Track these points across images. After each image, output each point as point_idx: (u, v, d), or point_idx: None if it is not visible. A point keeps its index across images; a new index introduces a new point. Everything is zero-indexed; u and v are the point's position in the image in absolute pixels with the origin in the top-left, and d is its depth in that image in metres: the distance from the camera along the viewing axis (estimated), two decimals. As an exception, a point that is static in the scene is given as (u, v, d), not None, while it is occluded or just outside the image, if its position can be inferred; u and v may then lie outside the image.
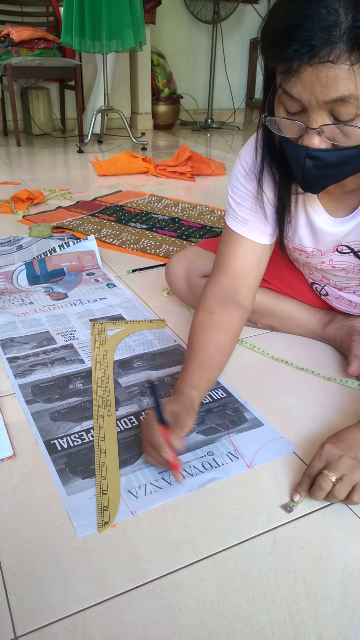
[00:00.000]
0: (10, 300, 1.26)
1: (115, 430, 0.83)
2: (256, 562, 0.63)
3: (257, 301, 1.09)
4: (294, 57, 0.56)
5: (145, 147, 3.25)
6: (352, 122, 0.59)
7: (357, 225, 0.81)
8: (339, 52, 0.54)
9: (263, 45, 0.60)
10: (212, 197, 2.24)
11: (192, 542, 0.65)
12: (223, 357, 0.86)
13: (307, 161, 0.64)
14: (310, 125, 0.61)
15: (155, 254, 1.59)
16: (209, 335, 0.85)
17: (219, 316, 0.86)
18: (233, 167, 0.88)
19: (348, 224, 0.82)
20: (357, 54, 0.54)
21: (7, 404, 0.90)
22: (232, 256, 0.89)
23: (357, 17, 0.53)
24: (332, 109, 0.59)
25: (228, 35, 4.13)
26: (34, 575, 0.61)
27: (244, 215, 0.87)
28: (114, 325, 1.16)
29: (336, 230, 0.83)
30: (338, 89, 0.56)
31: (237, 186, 0.87)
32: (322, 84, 0.56)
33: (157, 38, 3.94)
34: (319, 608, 0.58)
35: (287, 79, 0.59)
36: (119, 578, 0.61)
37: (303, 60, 0.55)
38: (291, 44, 0.55)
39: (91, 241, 1.50)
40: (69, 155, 3.08)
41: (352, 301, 0.98)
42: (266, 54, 0.61)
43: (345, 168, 0.66)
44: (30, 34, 3.06)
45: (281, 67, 0.59)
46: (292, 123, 0.63)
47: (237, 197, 0.87)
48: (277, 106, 0.65)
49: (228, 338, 0.86)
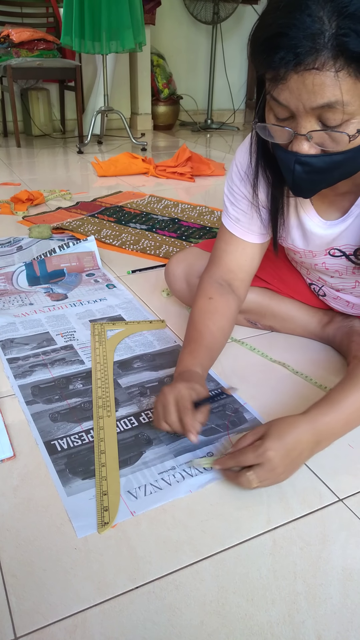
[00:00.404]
0: (10, 301, 1.26)
1: (115, 430, 0.84)
2: (256, 562, 0.63)
3: (257, 302, 1.10)
4: (280, 64, 0.57)
5: (145, 147, 3.26)
6: (339, 128, 0.60)
7: (346, 228, 0.82)
8: (324, 59, 0.55)
9: (251, 52, 0.61)
10: (211, 198, 2.24)
11: (191, 542, 0.65)
12: (224, 340, 0.91)
13: (296, 167, 0.65)
14: (298, 131, 0.62)
15: (155, 254, 1.60)
16: (212, 319, 0.89)
17: (218, 302, 0.90)
18: (230, 165, 0.89)
19: (337, 227, 0.82)
20: (341, 60, 0.55)
21: (7, 405, 0.90)
22: (224, 252, 0.93)
23: (340, 25, 0.53)
24: (319, 115, 0.59)
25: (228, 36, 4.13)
26: (34, 575, 0.61)
27: (237, 214, 0.90)
28: (114, 326, 1.16)
29: (325, 232, 0.84)
30: (324, 96, 0.57)
31: (232, 186, 0.89)
32: (308, 90, 0.57)
33: (157, 39, 3.94)
34: (319, 608, 0.58)
35: (275, 86, 0.60)
36: (119, 578, 0.61)
37: (289, 67, 0.56)
38: (277, 52, 0.56)
39: (91, 242, 1.50)
40: (68, 156, 3.08)
41: (349, 302, 0.99)
42: (255, 61, 0.62)
43: (335, 173, 0.67)
44: (30, 35, 3.06)
45: (269, 74, 0.60)
46: (281, 129, 0.64)
47: (231, 196, 0.90)
48: (267, 112, 0.66)
49: (228, 322, 0.91)
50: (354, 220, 0.80)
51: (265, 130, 0.67)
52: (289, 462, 0.68)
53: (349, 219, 0.81)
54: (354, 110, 0.58)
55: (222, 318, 0.90)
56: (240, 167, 0.86)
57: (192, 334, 0.88)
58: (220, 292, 0.91)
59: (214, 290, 0.91)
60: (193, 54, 4.18)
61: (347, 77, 0.55)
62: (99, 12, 2.69)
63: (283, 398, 0.93)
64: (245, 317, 1.14)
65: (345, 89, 0.56)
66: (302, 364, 1.03)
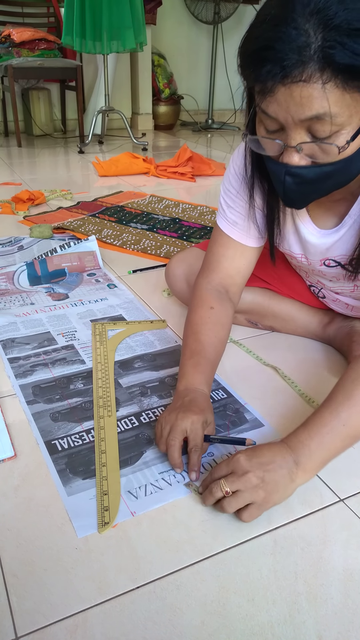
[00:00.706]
0: (11, 301, 1.26)
1: (116, 430, 0.84)
2: (257, 562, 0.63)
3: (258, 302, 1.10)
4: (267, 77, 0.57)
5: (146, 147, 3.26)
6: (329, 139, 0.60)
7: (340, 238, 0.82)
8: (311, 71, 0.55)
9: (240, 65, 0.62)
10: (212, 198, 2.24)
11: (192, 542, 0.65)
12: (222, 350, 0.90)
13: (287, 178, 0.65)
14: (288, 143, 0.62)
15: (155, 254, 1.60)
16: (213, 330, 0.88)
17: (219, 312, 0.89)
18: (227, 168, 0.88)
19: (331, 237, 0.82)
20: (328, 73, 0.55)
21: (8, 405, 0.90)
22: (222, 256, 0.91)
23: (326, 37, 0.53)
24: (309, 126, 0.59)
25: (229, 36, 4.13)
26: (35, 575, 0.61)
27: (234, 217, 0.89)
28: (115, 325, 1.16)
29: (319, 241, 0.84)
30: (312, 108, 0.57)
31: (228, 188, 0.89)
32: (296, 103, 0.57)
33: (158, 39, 3.94)
34: (320, 608, 0.58)
35: (263, 99, 0.60)
36: (120, 578, 0.61)
37: (276, 80, 0.56)
38: (264, 65, 0.56)
39: (92, 242, 1.50)
40: (69, 155, 3.08)
41: (348, 304, 0.99)
42: (243, 74, 0.62)
43: (326, 184, 0.67)
44: (31, 35, 3.06)
45: (257, 86, 0.60)
46: (271, 142, 0.64)
47: (228, 199, 0.89)
48: (258, 125, 0.66)
49: (227, 333, 0.91)
50: (347, 231, 0.80)
51: (256, 142, 0.67)
52: (264, 473, 0.65)
53: (342, 230, 0.81)
54: (343, 122, 0.58)
55: (222, 329, 0.89)
56: (237, 171, 0.85)
57: (194, 346, 0.86)
58: (219, 301, 0.90)
59: (213, 299, 0.90)
60: (194, 54, 4.18)
61: (335, 88, 0.55)
62: (99, 12, 2.69)
63: (284, 398, 0.93)
64: (246, 317, 1.14)
65: (333, 101, 0.56)
66: (300, 366, 1.03)
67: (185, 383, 0.81)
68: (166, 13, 3.88)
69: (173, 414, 0.76)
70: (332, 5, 0.53)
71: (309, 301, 1.09)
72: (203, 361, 0.84)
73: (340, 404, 0.68)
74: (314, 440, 0.67)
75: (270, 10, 0.57)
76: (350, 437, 0.67)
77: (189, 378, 0.82)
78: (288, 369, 1.02)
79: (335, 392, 0.70)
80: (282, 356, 1.06)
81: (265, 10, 0.58)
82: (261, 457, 0.67)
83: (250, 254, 0.91)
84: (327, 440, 0.67)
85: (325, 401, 0.70)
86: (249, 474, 0.65)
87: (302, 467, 0.66)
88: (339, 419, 0.67)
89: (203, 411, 0.76)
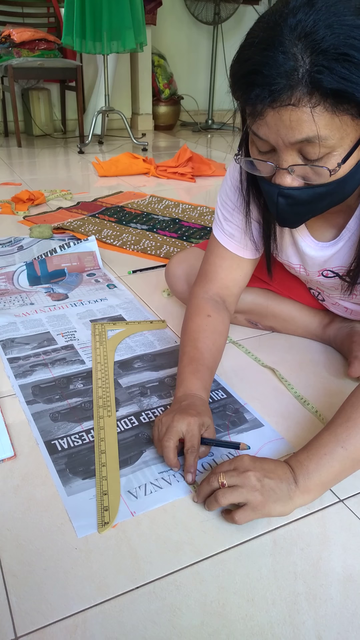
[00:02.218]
0: (10, 301, 1.26)
1: (116, 430, 0.84)
2: (256, 563, 0.63)
3: (258, 303, 1.10)
4: (256, 101, 0.57)
5: (146, 148, 3.26)
6: (320, 162, 0.60)
7: (338, 251, 0.82)
8: (300, 95, 0.55)
9: (230, 86, 0.62)
10: (212, 198, 2.24)
11: (192, 542, 0.65)
12: (219, 358, 0.90)
13: (279, 199, 0.65)
14: (280, 165, 0.62)
15: (155, 254, 1.60)
16: (211, 338, 0.88)
17: (216, 320, 0.89)
18: (224, 178, 0.89)
19: (329, 249, 0.83)
20: (317, 96, 0.55)
21: (7, 405, 0.90)
22: (219, 267, 0.92)
23: (314, 62, 0.53)
24: (300, 148, 0.60)
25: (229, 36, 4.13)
26: (35, 575, 0.61)
27: (230, 230, 0.89)
28: (115, 325, 1.16)
29: (317, 254, 0.84)
30: (302, 131, 0.57)
31: (225, 200, 0.89)
32: (286, 126, 0.57)
33: (158, 39, 3.95)
34: (319, 609, 0.58)
35: (254, 121, 0.60)
36: (119, 578, 0.61)
37: (265, 104, 0.57)
38: (252, 89, 0.56)
39: (92, 242, 1.50)
40: (69, 156, 3.08)
41: (347, 308, 0.99)
42: (234, 96, 0.62)
43: (320, 204, 0.67)
44: (31, 35, 3.06)
45: (247, 109, 0.60)
46: (264, 163, 0.64)
47: (225, 211, 0.89)
48: (251, 146, 0.66)
49: (224, 340, 0.91)
50: (345, 244, 0.80)
51: (249, 163, 0.67)
52: (264, 477, 0.65)
53: (340, 242, 0.81)
54: (333, 144, 0.58)
55: (219, 337, 0.89)
56: (234, 184, 0.85)
57: (193, 353, 0.85)
58: (216, 310, 0.90)
59: (210, 307, 0.90)
60: (194, 54, 4.19)
61: (324, 112, 0.55)
62: (100, 12, 2.69)
63: (284, 399, 0.93)
64: (246, 317, 1.14)
65: (322, 124, 0.56)
66: (300, 367, 1.03)
67: (184, 389, 0.81)
68: (166, 13, 3.88)
69: (170, 415, 0.76)
70: (320, 30, 0.53)
71: (309, 303, 1.09)
72: (201, 368, 0.84)
73: (339, 426, 0.67)
74: (312, 461, 0.66)
75: (258, 32, 0.57)
76: (350, 459, 0.66)
77: (188, 384, 0.82)
78: (288, 369, 1.02)
79: (336, 415, 0.70)
80: (281, 357, 1.06)
81: (254, 32, 0.58)
82: (265, 463, 0.68)
83: (246, 265, 0.91)
84: (324, 462, 0.66)
85: (327, 424, 0.70)
86: (250, 473, 0.65)
87: (301, 488, 0.66)
88: (337, 440, 0.66)
89: (200, 414, 0.76)
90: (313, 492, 0.67)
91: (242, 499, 0.64)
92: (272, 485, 0.65)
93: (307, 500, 0.67)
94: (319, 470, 0.66)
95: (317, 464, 0.66)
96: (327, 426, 0.69)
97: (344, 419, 0.68)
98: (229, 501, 0.65)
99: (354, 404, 0.69)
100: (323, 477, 0.66)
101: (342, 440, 0.66)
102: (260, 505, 0.64)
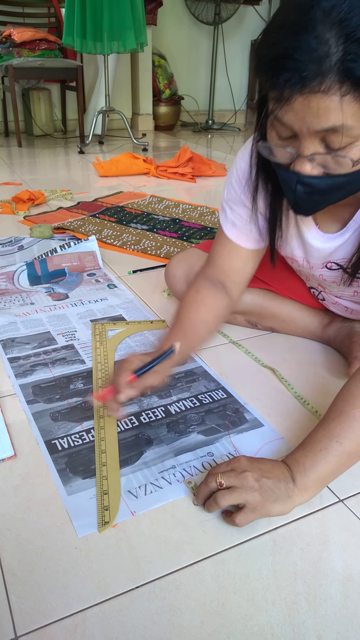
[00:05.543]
0: (11, 301, 1.26)
1: (116, 430, 0.84)
2: (256, 562, 0.63)
3: (258, 303, 1.10)
4: (284, 86, 0.56)
5: (146, 148, 3.26)
6: (343, 152, 0.59)
7: (344, 242, 0.82)
8: (330, 83, 0.54)
9: (256, 69, 0.60)
10: (212, 198, 2.24)
11: (192, 542, 0.65)
12: (205, 332, 0.91)
13: (298, 187, 0.65)
14: (302, 152, 0.61)
15: (155, 254, 1.60)
16: (195, 309, 0.90)
17: (206, 296, 0.91)
18: (231, 168, 0.88)
19: (335, 241, 0.82)
20: (348, 85, 0.54)
21: (8, 404, 0.90)
22: (219, 254, 0.92)
23: (348, 50, 0.52)
24: (323, 137, 0.59)
25: (229, 37, 4.14)
26: (35, 575, 0.61)
27: (233, 219, 0.88)
28: (115, 325, 1.16)
29: (323, 246, 0.84)
30: (329, 120, 0.56)
31: (230, 191, 0.88)
32: (313, 113, 0.56)
33: (158, 39, 3.95)
34: (319, 609, 0.58)
35: (279, 106, 0.58)
36: (119, 578, 0.61)
37: (294, 90, 0.55)
38: (282, 74, 0.55)
39: (92, 242, 1.50)
40: (70, 156, 3.08)
41: (348, 307, 0.99)
42: (259, 79, 0.61)
43: (337, 194, 0.66)
44: (32, 35, 3.06)
45: (273, 93, 0.59)
46: (283, 150, 0.63)
47: (230, 200, 0.89)
48: (270, 130, 0.65)
49: (212, 315, 0.91)
50: (352, 235, 0.80)
51: (267, 149, 0.66)
52: (262, 477, 0.65)
53: (347, 233, 0.81)
54: (358, 134, 0.57)
55: (206, 310, 0.90)
56: (240, 173, 0.85)
57: (173, 322, 0.90)
58: (210, 289, 0.91)
59: (204, 285, 0.92)
60: (194, 55, 4.19)
61: (353, 101, 0.55)
62: (100, 13, 2.69)
63: (283, 398, 0.93)
64: (245, 318, 1.14)
65: (350, 114, 0.55)
66: (299, 367, 1.03)
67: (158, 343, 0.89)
68: (167, 14, 3.88)
69: None
70: (355, 17, 0.52)
71: (309, 303, 1.09)
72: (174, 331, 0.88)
73: (332, 421, 0.68)
74: (308, 458, 0.67)
75: (288, 15, 0.55)
76: (346, 454, 0.66)
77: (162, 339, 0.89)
78: (288, 369, 1.02)
79: (328, 411, 0.70)
80: (281, 357, 1.06)
81: (282, 14, 0.56)
82: (262, 464, 0.68)
83: (246, 256, 0.91)
84: (320, 458, 0.66)
85: (321, 420, 0.70)
86: (247, 473, 0.65)
87: (299, 486, 0.66)
88: (331, 436, 0.66)
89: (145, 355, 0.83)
90: (311, 490, 0.67)
91: (241, 500, 0.64)
92: (270, 485, 0.65)
93: (306, 498, 0.67)
94: (315, 466, 0.66)
95: (314, 460, 0.66)
96: (321, 422, 0.69)
97: (337, 413, 0.68)
98: (228, 502, 0.65)
99: (345, 397, 0.69)
100: (320, 474, 0.66)
101: (336, 434, 0.66)
102: (259, 505, 0.64)
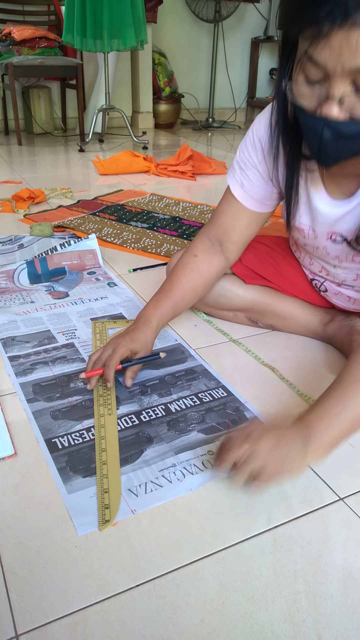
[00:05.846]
0: (11, 299, 1.26)
1: (116, 428, 0.84)
2: (256, 561, 0.63)
3: (258, 301, 1.10)
4: (325, 19, 0.54)
5: (146, 146, 3.25)
6: None
7: (350, 211, 0.82)
8: None
9: (287, 8, 0.59)
10: (213, 197, 2.24)
11: (192, 540, 0.65)
12: (192, 298, 0.99)
13: (325, 131, 0.64)
14: (332, 92, 0.60)
15: (156, 253, 1.59)
16: (188, 276, 0.96)
17: (202, 261, 0.95)
18: (247, 131, 0.89)
19: (342, 207, 0.82)
20: None
21: (8, 403, 0.90)
22: (223, 212, 0.95)
23: None
24: (355, 78, 0.57)
25: (229, 34, 4.13)
26: (35, 573, 0.61)
27: (242, 179, 0.91)
28: (115, 324, 1.16)
29: (330, 211, 0.84)
30: None
31: (244, 151, 0.90)
32: (351, 49, 0.55)
33: (159, 37, 3.94)
34: (319, 607, 0.58)
35: (315, 44, 0.57)
36: (120, 576, 0.61)
37: (335, 22, 0.54)
38: (324, 5, 0.54)
39: (92, 240, 1.50)
40: (70, 154, 3.07)
41: (350, 297, 0.99)
42: (292, 18, 0.59)
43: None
44: (32, 33, 3.05)
45: (309, 31, 0.57)
46: (311, 92, 0.62)
47: (241, 161, 0.90)
48: (297, 75, 0.63)
49: (203, 282, 0.98)
50: (358, 205, 0.80)
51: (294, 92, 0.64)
52: (277, 441, 0.67)
53: (354, 201, 0.81)
54: None
55: (198, 277, 0.94)
56: (256, 135, 0.85)
57: (164, 285, 0.97)
58: (206, 251, 0.94)
59: (201, 248, 0.95)
60: (194, 52, 4.18)
61: None
62: (100, 10, 2.68)
63: (284, 397, 0.93)
64: (246, 315, 1.14)
65: None
66: (300, 365, 1.03)
67: (142, 313, 0.95)
68: (167, 11, 3.87)
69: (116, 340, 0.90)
70: None
71: (309, 297, 1.09)
72: (164, 298, 0.95)
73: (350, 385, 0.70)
74: (323, 420, 0.68)
75: None
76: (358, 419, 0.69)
77: (146, 310, 0.95)
78: (288, 368, 1.02)
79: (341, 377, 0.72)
80: (282, 355, 1.06)
81: None
82: (276, 428, 0.69)
83: (249, 217, 0.92)
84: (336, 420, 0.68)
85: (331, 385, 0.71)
86: (263, 441, 0.67)
87: (313, 446, 0.67)
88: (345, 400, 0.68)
89: (133, 341, 0.90)
90: (325, 449, 0.69)
91: (261, 462, 0.66)
92: (286, 447, 0.67)
93: (320, 456, 0.69)
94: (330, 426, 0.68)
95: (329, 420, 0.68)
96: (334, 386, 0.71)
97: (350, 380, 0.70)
98: (251, 467, 0.66)
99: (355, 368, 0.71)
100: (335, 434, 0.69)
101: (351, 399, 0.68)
102: (277, 467, 0.66)
